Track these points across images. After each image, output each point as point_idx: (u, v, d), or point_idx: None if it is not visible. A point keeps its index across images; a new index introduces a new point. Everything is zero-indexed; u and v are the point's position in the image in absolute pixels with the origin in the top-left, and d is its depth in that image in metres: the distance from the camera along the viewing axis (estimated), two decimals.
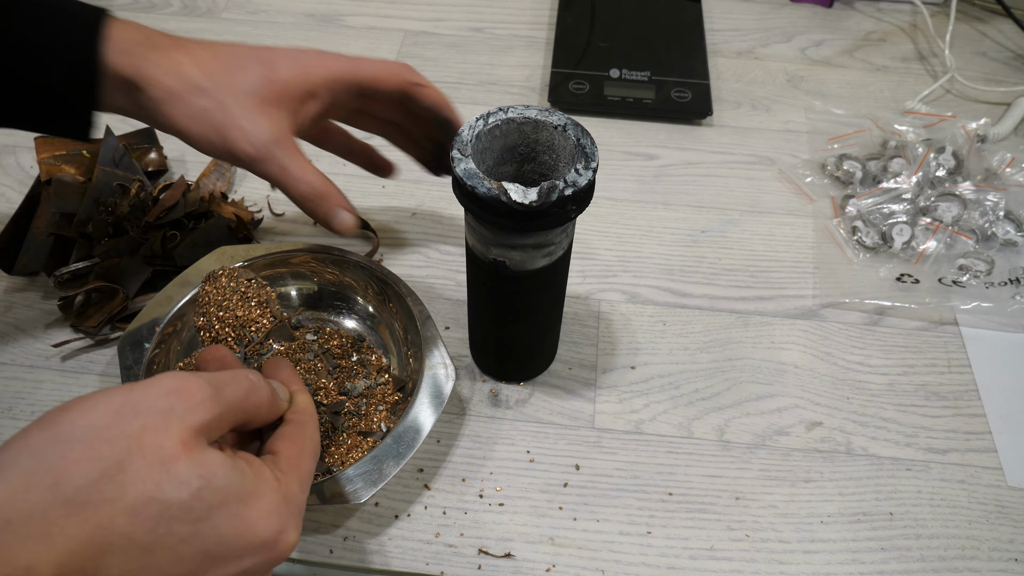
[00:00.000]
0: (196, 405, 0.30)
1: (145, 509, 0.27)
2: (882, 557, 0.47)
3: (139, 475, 0.27)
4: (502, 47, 0.81)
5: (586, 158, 0.41)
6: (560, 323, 0.53)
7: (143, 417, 0.28)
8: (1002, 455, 0.51)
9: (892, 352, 0.57)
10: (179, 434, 0.28)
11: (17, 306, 0.58)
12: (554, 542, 0.47)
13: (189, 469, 0.28)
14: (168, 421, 0.29)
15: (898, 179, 0.65)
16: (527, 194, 0.39)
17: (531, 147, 0.44)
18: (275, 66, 0.44)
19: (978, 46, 0.82)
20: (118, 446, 0.27)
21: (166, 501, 0.27)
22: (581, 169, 0.40)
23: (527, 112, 0.43)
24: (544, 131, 0.43)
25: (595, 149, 0.41)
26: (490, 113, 0.42)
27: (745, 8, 0.87)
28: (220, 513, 0.28)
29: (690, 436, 0.52)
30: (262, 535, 0.30)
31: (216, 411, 0.30)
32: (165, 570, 0.28)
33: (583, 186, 0.40)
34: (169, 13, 0.83)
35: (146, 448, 0.28)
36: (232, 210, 0.61)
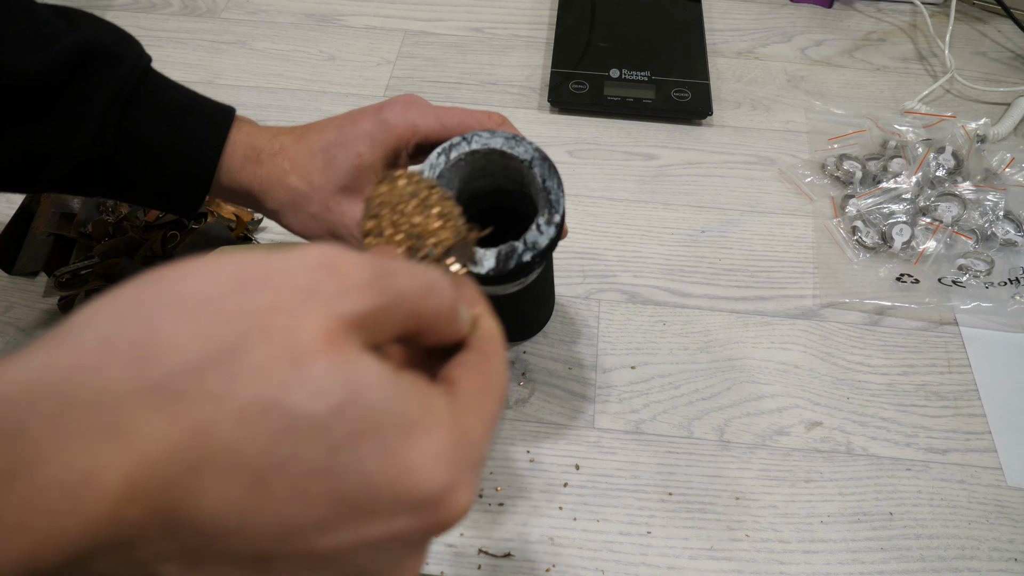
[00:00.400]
0: (352, 288, 0.21)
1: (262, 418, 0.19)
2: (882, 557, 0.47)
3: (260, 369, 0.19)
4: (502, 47, 0.81)
5: (550, 209, 0.38)
6: (553, 291, 0.52)
7: (276, 291, 0.20)
8: (1002, 455, 0.51)
9: (892, 352, 0.57)
10: (323, 322, 0.20)
11: (17, 306, 0.58)
12: (554, 542, 0.47)
13: (331, 373, 0.19)
14: (309, 302, 0.20)
15: (898, 179, 0.65)
16: (484, 261, 0.37)
17: (502, 171, 0.42)
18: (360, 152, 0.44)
19: (978, 46, 0.82)
20: (236, 324, 0.19)
21: (293, 412, 0.19)
22: (543, 225, 0.37)
23: (492, 142, 0.40)
24: (512, 161, 0.40)
25: (561, 194, 0.38)
26: (452, 146, 0.39)
27: (745, 8, 0.87)
28: (368, 444, 0.20)
29: (690, 436, 0.52)
30: (425, 487, 0.20)
31: (379, 301, 0.21)
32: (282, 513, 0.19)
33: (543, 247, 0.37)
34: (169, 13, 0.83)
35: (274, 333, 0.19)
36: (232, 210, 0.61)
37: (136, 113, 0.43)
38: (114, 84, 0.42)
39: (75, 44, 0.40)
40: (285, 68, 0.77)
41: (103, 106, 0.41)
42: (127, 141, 0.42)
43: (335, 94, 0.74)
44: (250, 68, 0.77)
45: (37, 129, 0.41)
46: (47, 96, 0.40)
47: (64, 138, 0.41)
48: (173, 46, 0.79)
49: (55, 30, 0.41)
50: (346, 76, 0.76)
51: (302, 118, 0.72)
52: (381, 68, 0.77)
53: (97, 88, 0.41)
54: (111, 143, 0.42)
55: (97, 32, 0.42)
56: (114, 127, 0.42)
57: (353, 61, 0.78)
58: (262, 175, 0.45)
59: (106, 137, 0.42)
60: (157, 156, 0.43)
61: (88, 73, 0.41)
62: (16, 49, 0.39)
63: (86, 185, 0.44)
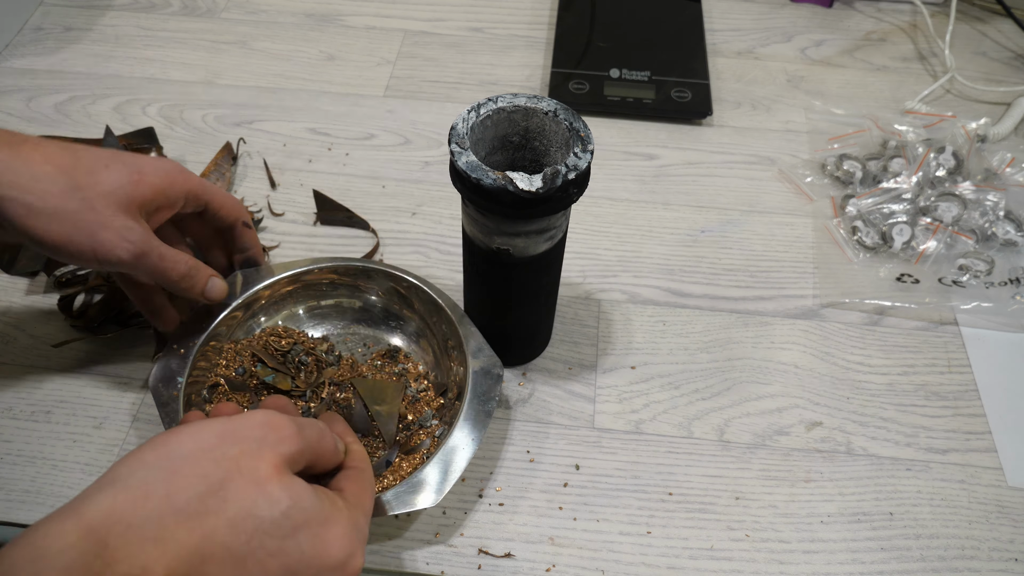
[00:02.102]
0: (285, 437, 0.33)
1: (243, 523, 0.30)
2: (882, 557, 0.47)
3: (239, 492, 0.30)
4: (502, 47, 0.81)
5: (582, 141, 0.41)
6: (555, 306, 0.54)
7: (241, 443, 0.32)
8: (1002, 455, 0.51)
9: (892, 352, 0.57)
10: (271, 460, 0.32)
11: (17, 306, 0.58)
12: (554, 542, 0.47)
13: (281, 490, 0.31)
14: (262, 448, 0.32)
15: (898, 179, 0.65)
16: (532, 182, 0.39)
17: (522, 135, 0.44)
18: (142, 170, 0.44)
19: (978, 46, 0.82)
20: (221, 466, 0.31)
21: (260, 517, 0.30)
22: (579, 152, 0.41)
23: (516, 100, 0.43)
24: (534, 118, 0.43)
25: (589, 131, 0.42)
26: (480, 104, 0.43)
27: (745, 8, 0.87)
28: (304, 532, 0.31)
29: (690, 436, 0.52)
30: (336, 556, 0.32)
31: (299, 445, 0.34)
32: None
33: (583, 169, 0.40)
34: (169, 13, 0.83)
35: (244, 470, 0.31)
36: None
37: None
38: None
39: None
40: (285, 68, 0.77)
41: None
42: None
43: (335, 94, 0.74)
44: (250, 68, 0.77)
45: None
46: None
47: None
48: (173, 46, 0.79)
49: None
50: (346, 76, 0.76)
51: (302, 118, 0.72)
52: (381, 68, 0.77)
53: None
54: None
55: None
56: None
57: (353, 61, 0.78)
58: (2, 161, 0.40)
59: None
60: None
61: None
62: None
63: None
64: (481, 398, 0.47)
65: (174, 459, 0.31)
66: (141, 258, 0.43)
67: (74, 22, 0.81)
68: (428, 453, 0.48)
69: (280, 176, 0.67)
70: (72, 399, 0.52)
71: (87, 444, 0.50)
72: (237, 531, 0.30)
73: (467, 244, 0.47)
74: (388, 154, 0.69)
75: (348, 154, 0.69)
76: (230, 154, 0.67)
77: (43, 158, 0.41)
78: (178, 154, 0.68)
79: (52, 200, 0.40)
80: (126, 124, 0.70)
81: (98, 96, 0.73)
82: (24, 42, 0.79)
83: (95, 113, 0.72)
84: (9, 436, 0.51)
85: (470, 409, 0.46)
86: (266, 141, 0.70)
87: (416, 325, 0.54)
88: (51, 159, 0.41)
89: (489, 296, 0.50)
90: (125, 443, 0.50)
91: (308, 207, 0.64)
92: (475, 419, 0.46)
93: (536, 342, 0.55)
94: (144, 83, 0.75)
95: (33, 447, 0.50)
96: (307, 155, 0.69)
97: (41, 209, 0.40)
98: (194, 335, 0.49)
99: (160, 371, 0.48)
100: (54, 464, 0.49)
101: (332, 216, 0.63)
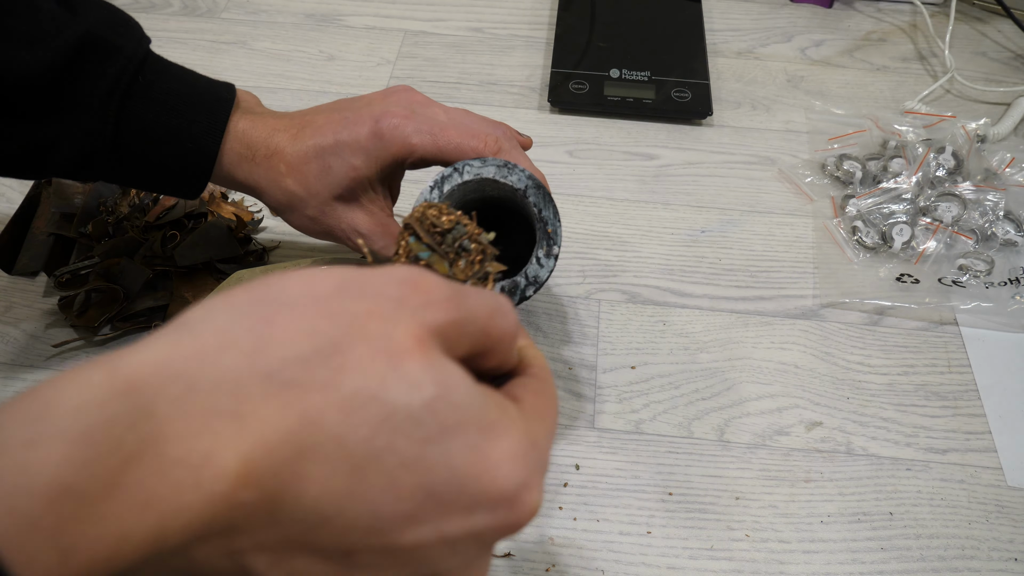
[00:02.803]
0: (434, 302, 0.23)
1: (364, 408, 0.20)
2: (882, 557, 0.47)
3: (361, 364, 0.21)
4: (502, 47, 0.81)
5: (548, 241, 0.38)
6: None
7: (371, 299, 0.22)
8: (1002, 455, 0.51)
9: (892, 352, 0.57)
10: (413, 328, 0.22)
11: (17, 306, 0.58)
12: (554, 542, 0.47)
13: (424, 371, 0.21)
14: (400, 310, 0.22)
15: (898, 179, 0.65)
16: None
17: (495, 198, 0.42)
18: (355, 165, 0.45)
19: (978, 46, 0.82)
20: (338, 323, 0.21)
21: (392, 404, 0.20)
22: (543, 258, 0.38)
23: (484, 171, 0.40)
24: (504, 189, 0.41)
25: (558, 224, 0.38)
26: (444, 178, 0.40)
27: (745, 8, 0.87)
28: (456, 438, 0.21)
29: (690, 436, 0.52)
30: (504, 484, 0.22)
31: (457, 315, 0.23)
32: (375, 501, 0.21)
33: (544, 280, 0.37)
34: (169, 13, 0.83)
35: (372, 334, 0.21)
36: (232, 210, 0.61)
37: (135, 105, 0.43)
38: (112, 76, 0.41)
39: (73, 37, 0.40)
40: (285, 68, 0.77)
41: (101, 100, 0.41)
42: (127, 132, 0.43)
43: (335, 94, 0.74)
44: (250, 68, 0.77)
45: (37, 126, 0.41)
46: (47, 94, 0.40)
47: (64, 133, 0.41)
48: (173, 46, 0.79)
49: (54, 22, 0.40)
50: (346, 76, 0.76)
51: None
52: (381, 68, 0.77)
53: (96, 82, 0.41)
54: (111, 135, 0.42)
55: (96, 20, 0.42)
56: (114, 120, 0.42)
57: (353, 61, 0.78)
58: (258, 175, 0.45)
59: (106, 129, 0.42)
60: (157, 147, 0.43)
61: (87, 68, 0.41)
62: (15, 45, 0.39)
63: (89, 174, 0.44)
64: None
65: (272, 304, 0.21)
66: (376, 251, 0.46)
67: None
68: None
69: None
70: None
71: None
72: (355, 419, 0.20)
73: None
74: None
75: None
76: None
77: (286, 168, 0.45)
78: None
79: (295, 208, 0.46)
80: None
81: None
82: None
83: None
84: None
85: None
86: None
87: None
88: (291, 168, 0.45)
89: None
90: None
91: None
92: None
93: None
94: None
95: None
96: None
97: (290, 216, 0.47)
98: None
99: None
100: None
101: None
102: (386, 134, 0.44)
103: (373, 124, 0.44)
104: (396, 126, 0.44)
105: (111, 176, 0.45)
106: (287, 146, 0.45)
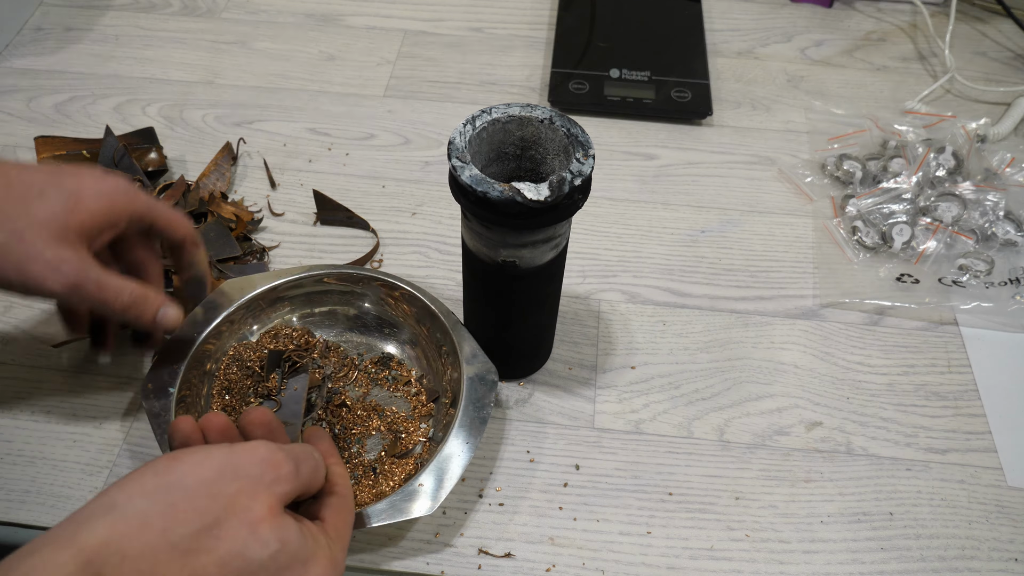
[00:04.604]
0: (282, 477, 0.34)
1: (232, 562, 0.31)
2: (882, 557, 0.47)
3: (231, 532, 0.32)
4: (502, 47, 0.81)
5: (582, 147, 0.41)
6: (556, 317, 0.54)
7: (240, 480, 0.33)
8: (1002, 455, 0.51)
9: (892, 352, 0.57)
10: (266, 500, 0.33)
11: (17, 306, 0.58)
12: (554, 542, 0.47)
13: (271, 532, 0.32)
14: (258, 487, 0.33)
15: (898, 179, 0.65)
16: (539, 191, 0.39)
17: (518, 145, 0.44)
18: (80, 194, 0.42)
19: (978, 46, 0.82)
20: (218, 503, 0.32)
21: (249, 559, 0.32)
22: (581, 158, 0.41)
23: (510, 110, 0.43)
24: (529, 127, 0.43)
25: (588, 136, 0.41)
26: (475, 116, 0.42)
27: (745, 8, 0.87)
28: (287, 573, 0.33)
29: (690, 436, 0.52)
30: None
31: (295, 484, 0.35)
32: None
33: (588, 174, 0.40)
34: (169, 13, 0.83)
35: (239, 509, 0.32)
36: (232, 210, 0.61)
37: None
38: None
39: None
40: (285, 68, 0.77)
41: None
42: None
43: (335, 94, 0.74)
44: (250, 68, 0.77)
45: None
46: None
47: None
48: (173, 46, 0.79)
49: None
50: (346, 76, 0.76)
51: (302, 118, 0.72)
52: (381, 68, 0.77)
53: None
54: None
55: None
56: None
57: (353, 61, 0.78)
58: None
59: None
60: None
61: None
62: None
63: None
64: (476, 404, 0.47)
65: (173, 491, 0.32)
66: (76, 289, 0.41)
67: (74, 22, 0.81)
68: (421, 459, 0.48)
69: (280, 176, 0.67)
70: (72, 399, 0.52)
71: (87, 444, 0.50)
72: (226, 570, 0.31)
73: (468, 259, 0.47)
74: (388, 154, 0.69)
75: (348, 154, 0.69)
76: (230, 154, 0.67)
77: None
78: (178, 154, 0.68)
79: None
80: (126, 124, 0.70)
81: (98, 96, 0.73)
82: (24, 42, 0.79)
83: (95, 113, 0.72)
84: (9, 436, 0.51)
85: (464, 415, 0.47)
86: (266, 141, 0.70)
87: (410, 332, 0.54)
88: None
89: (493, 309, 0.49)
90: (125, 443, 0.50)
91: (308, 207, 0.64)
92: (470, 425, 0.46)
93: (540, 353, 0.54)
94: (144, 83, 0.75)
95: (33, 447, 0.50)
96: (307, 155, 0.69)
97: None
98: (185, 346, 0.49)
99: (151, 382, 0.48)
100: (54, 464, 0.49)
101: (332, 216, 0.63)
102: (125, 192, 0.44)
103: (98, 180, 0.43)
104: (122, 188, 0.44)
105: None
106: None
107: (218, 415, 0.39)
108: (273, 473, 0.34)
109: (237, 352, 0.52)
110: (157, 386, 0.48)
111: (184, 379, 0.48)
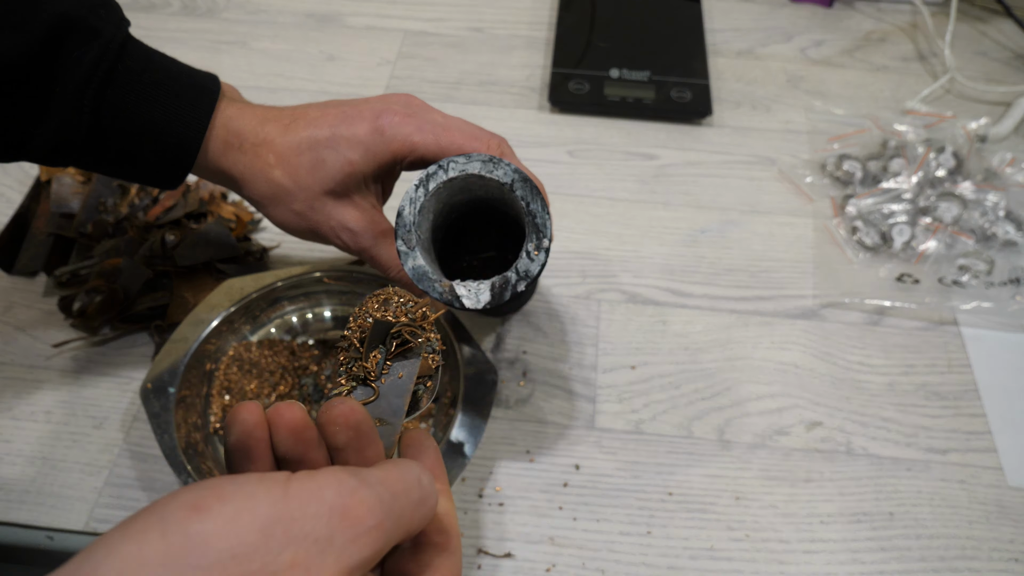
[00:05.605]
0: (362, 534, 0.23)
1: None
2: (882, 557, 0.47)
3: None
4: (502, 47, 0.80)
5: (538, 234, 0.37)
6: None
7: (296, 545, 0.22)
8: (1002, 455, 0.51)
9: (892, 352, 0.57)
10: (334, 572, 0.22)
11: (17, 306, 0.58)
12: (554, 542, 0.47)
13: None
14: (324, 556, 0.22)
15: (898, 179, 0.65)
16: (479, 296, 0.37)
17: (482, 197, 0.42)
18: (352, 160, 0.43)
19: (978, 46, 0.82)
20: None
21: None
22: (532, 252, 0.37)
23: (469, 166, 0.39)
24: (492, 185, 0.39)
25: (547, 217, 0.37)
26: (428, 176, 0.39)
27: (745, 8, 0.87)
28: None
29: (690, 436, 0.52)
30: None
31: (382, 542, 0.24)
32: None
33: (536, 274, 0.37)
34: (169, 13, 0.83)
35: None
36: (232, 210, 0.61)
37: (113, 94, 0.41)
38: (90, 63, 0.39)
39: (51, 19, 0.38)
40: (285, 68, 0.77)
41: (77, 87, 0.39)
42: (105, 122, 0.41)
43: (335, 94, 0.74)
44: (250, 68, 0.77)
45: (13, 112, 0.40)
46: (22, 80, 0.39)
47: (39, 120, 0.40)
48: (173, 46, 0.79)
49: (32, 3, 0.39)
50: (346, 76, 0.76)
51: None
52: (381, 68, 0.77)
53: (72, 69, 0.39)
54: (87, 124, 0.40)
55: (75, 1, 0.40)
56: (90, 109, 0.40)
57: (353, 61, 0.78)
58: (244, 163, 0.43)
59: (81, 119, 0.40)
60: (136, 137, 0.42)
61: (62, 52, 0.39)
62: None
63: (65, 161, 0.42)
64: (475, 404, 0.47)
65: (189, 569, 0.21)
66: (358, 253, 0.45)
67: None
68: None
69: None
70: (72, 399, 0.52)
71: (87, 444, 0.50)
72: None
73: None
74: None
75: None
76: None
77: (275, 159, 0.43)
78: None
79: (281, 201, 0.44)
80: None
81: None
82: None
83: None
84: (9, 436, 0.51)
85: (464, 416, 0.47)
86: None
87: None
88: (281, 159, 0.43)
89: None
90: (125, 443, 0.50)
91: None
92: (470, 426, 0.46)
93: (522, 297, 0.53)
94: None
95: (33, 447, 0.50)
96: None
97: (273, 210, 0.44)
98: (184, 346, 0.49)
99: (151, 382, 0.48)
100: (54, 464, 0.49)
101: None
102: (387, 131, 0.43)
103: (373, 120, 0.43)
104: (397, 123, 0.43)
105: (87, 164, 0.43)
106: (277, 136, 0.43)
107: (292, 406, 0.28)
108: (350, 531, 0.23)
109: (237, 352, 0.52)
110: (157, 386, 0.48)
111: (184, 379, 0.48)
